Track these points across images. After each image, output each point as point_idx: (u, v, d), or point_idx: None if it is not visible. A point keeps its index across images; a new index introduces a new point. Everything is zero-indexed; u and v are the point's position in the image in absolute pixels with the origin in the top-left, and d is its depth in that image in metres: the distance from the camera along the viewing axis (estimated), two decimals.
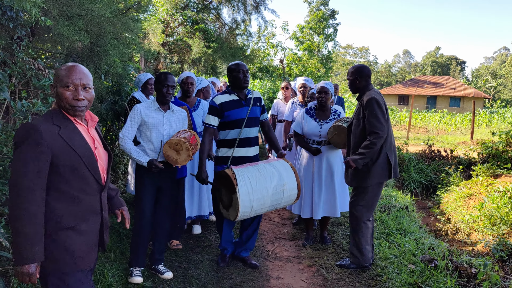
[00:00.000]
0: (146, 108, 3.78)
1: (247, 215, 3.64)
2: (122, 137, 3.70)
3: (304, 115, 4.76)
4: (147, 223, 3.80)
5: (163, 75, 3.82)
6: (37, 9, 3.10)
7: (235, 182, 3.54)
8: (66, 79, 2.15)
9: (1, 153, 3.45)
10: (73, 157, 2.14)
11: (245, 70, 3.93)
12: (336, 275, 4.07)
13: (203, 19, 11.62)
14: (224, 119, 3.94)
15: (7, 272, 3.39)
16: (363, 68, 4.07)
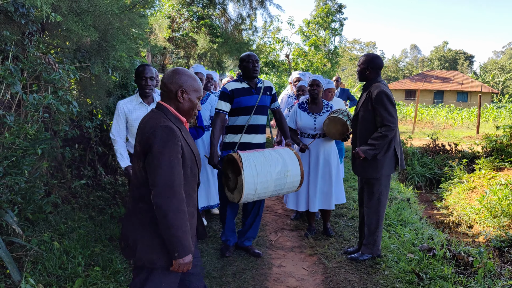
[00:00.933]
0: (128, 104, 3.78)
1: (251, 197, 3.77)
2: (112, 138, 3.76)
3: (297, 109, 4.82)
4: None
5: (141, 67, 3.79)
6: (48, 5, 3.23)
7: (241, 164, 3.67)
8: (199, 92, 2.34)
9: (14, 144, 3.60)
10: (191, 157, 2.29)
11: (254, 60, 4.08)
12: (336, 263, 4.18)
13: (209, 14, 11.71)
14: (234, 105, 4.07)
15: (20, 258, 3.54)
16: (375, 59, 4.05)
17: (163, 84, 2.29)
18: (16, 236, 3.63)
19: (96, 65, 4.62)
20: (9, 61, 3.58)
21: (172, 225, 2.10)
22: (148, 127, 2.20)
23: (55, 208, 4.71)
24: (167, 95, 2.29)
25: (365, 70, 4.07)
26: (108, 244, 4.24)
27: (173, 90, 2.27)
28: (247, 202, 3.90)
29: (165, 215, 2.08)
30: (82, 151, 5.81)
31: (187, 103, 2.30)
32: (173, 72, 2.30)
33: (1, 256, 3.30)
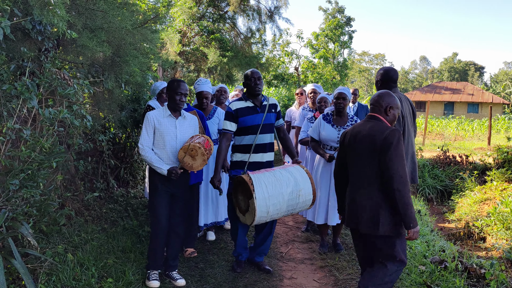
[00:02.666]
0: (158, 115, 3.82)
1: (264, 219, 3.73)
2: (141, 147, 3.78)
3: (321, 121, 4.76)
4: (163, 229, 3.84)
5: (176, 83, 3.84)
6: (64, 22, 3.33)
7: (252, 187, 3.63)
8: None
9: (30, 157, 3.68)
10: None
11: (256, 77, 4.02)
12: (347, 275, 4.18)
13: (219, 28, 11.87)
14: (239, 124, 4.04)
15: (35, 269, 3.60)
16: (387, 72, 4.04)
17: (375, 101, 3.14)
18: (31, 248, 3.69)
19: (110, 79, 4.71)
20: (26, 76, 3.68)
21: (408, 203, 2.84)
22: (377, 130, 2.99)
23: (69, 221, 4.78)
24: (379, 109, 3.11)
25: (377, 83, 4.10)
26: (121, 256, 4.28)
27: (383, 106, 3.09)
28: (260, 223, 3.84)
29: (403, 196, 2.83)
30: (94, 164, 5.90)
31: (392, 116, 3.12)
32: (383, 94, 3.14)
33: (17, 268, 3.36)
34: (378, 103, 3.12)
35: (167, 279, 3.97)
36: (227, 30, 12.47)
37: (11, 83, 3.56)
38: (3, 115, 3.52)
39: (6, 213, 3.56)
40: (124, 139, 6.67)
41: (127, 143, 6.72)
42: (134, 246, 4.53)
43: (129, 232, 4.93)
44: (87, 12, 3.87)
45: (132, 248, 4.48)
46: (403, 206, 2.85)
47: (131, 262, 4.16)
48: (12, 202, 3.68)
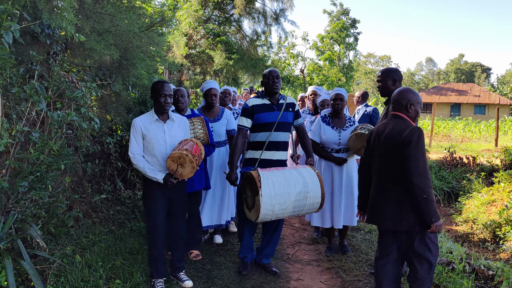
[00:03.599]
0: (144, 121, 3.68)
1: (268, 217, 3.74)
2: (132, 156, 3.65)
3: (320, 123, 4.74)
4: (160, 235, 3.75)
5: (160, 84, 3.68)
6: (72, 26, 3.37)
7: (259, 184, 3.65)
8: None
9: (38, 160, 3.72)
10: None
11: (274, 76, 4.06)
12: (354, 276, 4.18)
13: (225, 31, 11.92)
14: (254, 121, 4.06)
15: (44, 270, 3.63)
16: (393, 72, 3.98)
17: (395, 99, 3.18)
18: (40, 249, 3.72)
19: (117, 82, 4.75)
20: (35, 79, 3.73)
21: (429, 199, 2.91)
22: (398, 129, 3.06)
23: (76, 222, 4.81)
24: (399, 107, 3.16)
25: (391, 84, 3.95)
26: (128, 257, 4.31)
27: (403, 104, 3.13)
28: (265, 221, 3.84)
29: (424, 191, 2.90)
30: (102, 166, 5.94)
31: (414, 113, 3.16)
32: (402, 91, 3.18)
33: (26, 269, 3.39)
34: (398, 101, 3.18)
35: (174, 280, 3.97)
36: (232, 32, 12.52)
37: (20, 86, 3.61)
38: (12, 117, 3.56)
39: (15, 215, 3.60)
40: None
41: None
42: (141, 248, 4.56)
43: (136, 234, 4.95)
44: (95, 15, 3.91)
45: (140, 249, 4.51)
46: (424, 201, 2.91)
47: (139, 263, 4.18)
48: (21, 204, 3.73)
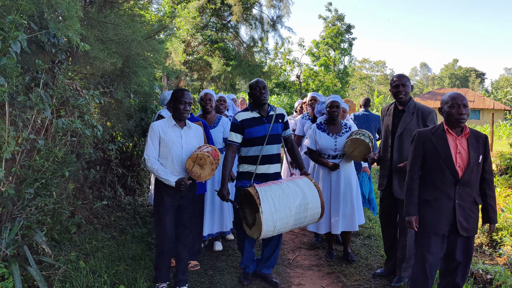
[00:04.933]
0: (163, 126, 3.76)
1: (270, 234, 3.69)
2: (147, 158, 3.71)
3: (316, 130, 4.77)
4: (169, 241, 3.78)
5: (180, 92, 3.78)
6: (77, 35, 3.43)
7: (258, 201, 3.58)
8: (453, 101, 3.20)
9: (43, 167, 3.76)
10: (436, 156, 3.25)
11: (261, 86, 3.97)
12: (354, 281, 4.24)
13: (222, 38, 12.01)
14: (245, 136, 3.99)
15: (49, 276, 3.67)
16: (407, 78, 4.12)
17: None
18: (46, 255, 3.77)
19: (119, 90, 4.81)
20: (40, 88, 3.78)
21: (406, 194, 3.29)
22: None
23: (79, 229, 4.85)
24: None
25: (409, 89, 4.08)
26: (131, 263, 4.35)
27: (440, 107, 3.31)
28: (267, 237, 3.77)
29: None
30: (102, 172, 5.98)
31: (444, 114, 3.27)
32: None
33: (33, 275, 3.43)
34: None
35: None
36: (230, 39, 12.62)
37: (25, 94, 3.66)
38: (18, 125, 3.61)
39: (21, 221, 3.64)
40: (131, 148, 6.76)
41: (133, 152, 6.81)
42: (144, 254, 4.60)
43: (138, 240, 5.00)
44: (99, 24, 3.98)
45: (142, 255, 4.55)
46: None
47: (142, 269, 4.23)
48: (26, 210, 3.77)
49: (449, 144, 3.20)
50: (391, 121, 4.08)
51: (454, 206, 3.20)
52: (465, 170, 3.16)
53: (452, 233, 3.25)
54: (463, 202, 3.19)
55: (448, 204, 3.21)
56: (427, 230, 3.30)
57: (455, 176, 3.17)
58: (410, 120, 4.00)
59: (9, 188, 3.41)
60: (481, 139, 3.23)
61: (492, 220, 3.24)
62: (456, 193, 3.19)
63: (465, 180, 3.18)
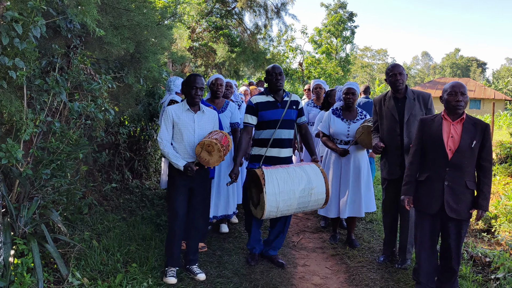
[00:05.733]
0: (177, 110, 3.85)
1: (273, 214, 3.83)
2: (160, 141, 3.83)
3: (330, 115, 4.86)
4: (180, 223, 3.86)
5: (192, 77, 3.86)
6: (94, 21, 3.52)
7: (263, 182, 3.73)
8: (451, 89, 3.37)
9: (59, 149, 3.88)
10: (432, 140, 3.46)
11: (277, 72, 4.08)
12: (358, 263, 4.40)
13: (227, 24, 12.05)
14: (259, 118, 4.10)
15: (65, 254, 3.82)
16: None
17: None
18: (61, 234, 3.91)
19: (130, 75, 4.90)
20: (56, 72, 3.88)
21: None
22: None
23: (90, 210, 4.99)
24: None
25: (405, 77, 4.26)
26: (142, 243, 4.50)
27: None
28: (270, 218, 3.92)
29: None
30: (111, 156, 6.11)
31: (443, 102, 3.45)
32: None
33: (50, 252, 3.58)
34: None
35: (186, 273, 4.01)
36: (234, 26, 12.64)
37: (42, 78, 3.76)
38: (35, 108, 3.72)
39: (38, 201, 3.78)
40: (139, 132, 6.88)
41: (141, 136, 6.92)
42: (153, 234, 4.75)
43: (148, 221, 5.14)
44: (113, 10, 4.06)
45: (152, 236, 4.70)
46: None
47: (152, 249, 4.37)
48: (43, 191, 3.90)
49: (443, 128, 3.40)
50: (395, 110, 4.18)
51: (443, 186, 3.38)
52: (454, 152, 3.32)
53: (444, 215, 3.41)
54: (453, 184, 3.35)
55: (438, 185, 3.40)
56: (421, 210, 3.54)
57: (445, 158, 3.35)
58: (414, 105, 4.15)
59: (27, 168, 3.54)
60: (480, 127, 3.35)
61: (481, 206, 3.33)
62: (447, 174, 3.36)
63: (455, 162, 3.33)
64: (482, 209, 3.33)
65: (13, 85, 3.43)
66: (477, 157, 3.35)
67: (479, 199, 3.33)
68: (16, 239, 3.38)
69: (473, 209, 3.37)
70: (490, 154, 3.36)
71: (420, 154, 3.56)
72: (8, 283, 3.14)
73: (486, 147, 3.34)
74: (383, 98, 4.34)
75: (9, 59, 3.14)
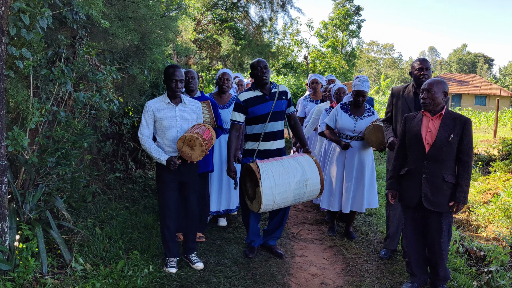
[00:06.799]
0: (157, 104, 3.78)
1: (270, 208, 3.88)
2: (141, 137, 3.79)
3: (338, 109, 4.86)
4: (172, 216, 3.88)
5: (171, 69, 3.76)
6: (100, 13, 3.60)
7: (259, 176, 3.76)
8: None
9: (64, 138, 3.98)
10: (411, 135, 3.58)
11: (262, 66, 4.03)
12: (354, 254, 4.48)
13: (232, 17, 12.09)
14: (249, 115, 4.09)
15: (68, 240, 3.93)
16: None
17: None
18: (65, 220, 4.02)
19: (134, 66, 4.98)
20: (62, 62, 3.97)
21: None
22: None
23: (93, 198, 5.10)
24: None
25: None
26: (144, 231, 4.60)
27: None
28: (267, 211, 3.96)
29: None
30: (115, 146, 6.21)
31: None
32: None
33: (54, 237, 3.69)
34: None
35: (185, 262, 4.09)
36: (239, 18, 12.68)
37: (48, 68, 3.85)
38: (41, 97, 3.81)
39: (43, 188, 3.88)
40: None
41: None
42: (155, 223, 4.85)
43: (150, 210, 5.25)
44: (118, 2, 4.14)
45: (154, 224, 4.80)
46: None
47: (154, 237, 4.48)
48: (48, 178, 4.00)
49: (422, 124, 3.52)
50: (413, 103, 4.11)
51: (422, 179, 3.48)
52: (431, 146, 3.43)
53: (424, 207, 3.52)
54: (431, 176, 3.45)
55: (416, 178, 3.52)
56: (403, 204, 3.68)
57: (423, 151, 3.46)
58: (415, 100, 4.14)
59: (33, 156, 3.64)
60: (460, 121, 3.42)
61: (458, 199, 3.39)
62: (424, 167, 3.47)
63: (432, 155, 3.43)
64: (459, 201, 3.39)
65: (20, 74, 3.52)
66: (456, 151, 3.42)
67: (456, 192, 3.41)
68: (22, 224, 3.49)
69: (450, 202, 3.44)
70: (470, 148, 3.41)
71: (404, 149, 3.67)
72: (13, 267, 3.25)
73: (465, 141, 3.40)
74: (402, 90, 4.27)
75: (16, 49, 3.22)
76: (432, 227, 3.50)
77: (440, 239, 3.49)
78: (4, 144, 3.17)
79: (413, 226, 3.65)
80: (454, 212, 3.44)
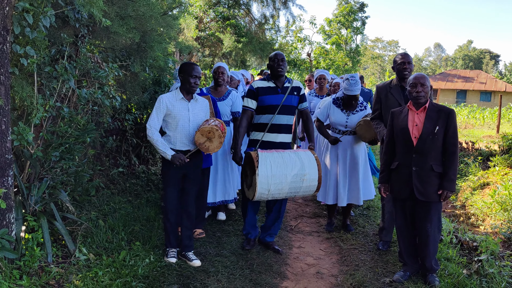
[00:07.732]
0: (171, 98, 3.85)
1: (265, 197, 3.98)
2: (149, 128, 3.81)
3: (331, 104, 4.93)
4: (173, 208, 3.99)
5: (190, 66, 3.84)
6: (100, 12, 3.73)
7: (257, 164, 3.88)
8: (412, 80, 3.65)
9: (67, 133, 4.12)
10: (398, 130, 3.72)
11: (280, 59, 4.15)
12: (350, 245, 4.60)
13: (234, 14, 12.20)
14: (258, 103, 4.18)
15: (72, 231, 4.07)
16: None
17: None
18: (69, 212, 4.16)
19: (136, 63, 5.11)
20: (64, 60, 4.10)
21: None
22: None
23: (97, 192, 5.23)
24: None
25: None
26: (146, 224, 4.74)
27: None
28: (262, 200, 4.05)
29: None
30: (118, 142, 6.35)
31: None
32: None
33: (59, 229, 3.83)
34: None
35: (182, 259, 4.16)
36: (241, 16, 12.78)
37: (51, 66, 3.98)
38: (45, 94, 3.95)
39: (48, 182, 4.02)
40: (145, 119, 7.10)
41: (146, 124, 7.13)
42: (157, 216, 4.98)
43: (152, 204, 5.38)
44: (119, 1, 4.26)
45: (156, 217, 4.94)
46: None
47: (155, 229, 4.61)
48: (52, 172, 4.15)
49: (408, 118, 3.64)
50: (402, 98, 4.23)
51: (411, 172, 3.61)
52: (418, 139, 3.56)
53: (414, 199, 3.64)
54: (420, 169, 3.58)
55: (406, 171, 3.65)
56: (394, 196, 3.81)
57: (411, 145, 3.59)
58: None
59: (38, 150, 3.78)
60: (444, 113, 3.56)
61: (445, 187, 3.53)
62: (413, 160, 3.60)
63: (420, 149, 3.56)
64: (446, 189, 3.53)
65: (24, 72, 3.66)
66: (442, 141, 3.54)
67: (443, 181, 3.54)
68: (27, 216, 3.64)
69: (439, 190, 3.57)
70: (455, 138, 3.54)
71: (392, 144, 3.79)
72: (19, 256, 3.39)
73: (450, 132, 3.53)
74: (388, 86, 4.38)
75: (20, 47, 3.36)
76: (422, 216, 3.63)
77: (428, 228, 3.60)
78: (10, 138, 3.31)
79: (403, 216, 3.79)
80: (443, 200, 3.56)
